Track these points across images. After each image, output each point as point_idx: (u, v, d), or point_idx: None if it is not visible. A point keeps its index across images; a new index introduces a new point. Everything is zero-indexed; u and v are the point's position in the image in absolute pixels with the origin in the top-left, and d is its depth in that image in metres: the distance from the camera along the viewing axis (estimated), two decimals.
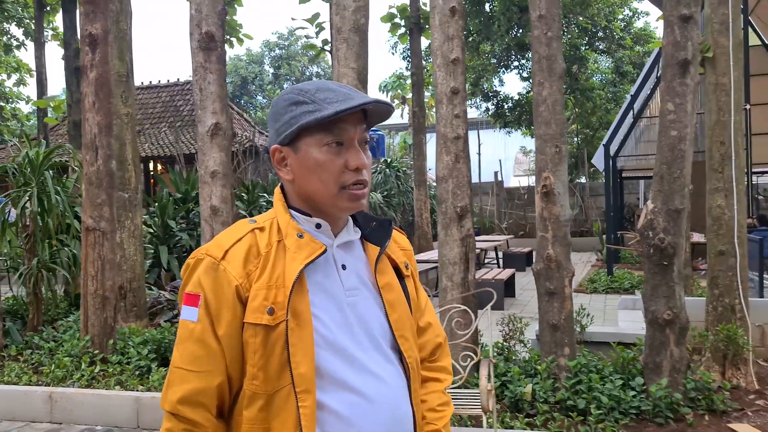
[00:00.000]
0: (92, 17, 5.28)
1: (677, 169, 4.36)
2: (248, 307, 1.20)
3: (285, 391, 1.18)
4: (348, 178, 1.26)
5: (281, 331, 1.18)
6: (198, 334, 1.20)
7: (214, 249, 1.24)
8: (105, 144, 5.33)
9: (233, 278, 1.20)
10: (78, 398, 4.50)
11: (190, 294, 1.23)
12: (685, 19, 4.32)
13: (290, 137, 1.27)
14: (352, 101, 1.23)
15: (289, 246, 1.25)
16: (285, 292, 1.20)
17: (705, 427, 4.22)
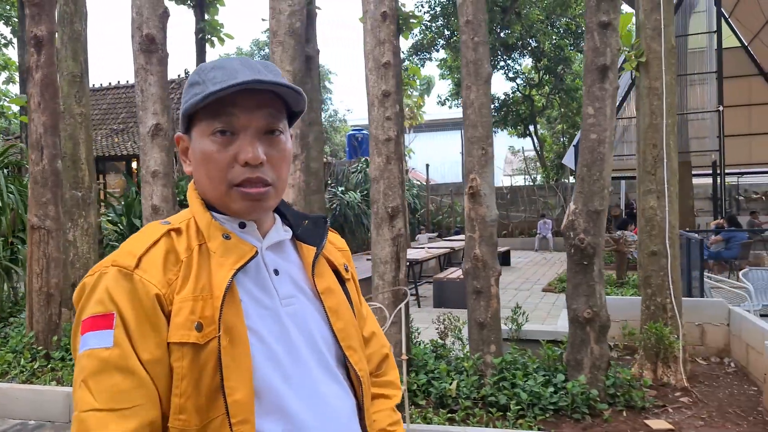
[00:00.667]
0: (38, 19, 5.39)
1: (596, 171, 4.48)
2: (172, 324, 0.99)
3: (217, 423, 0.98)
4: (237, 174, 1.07)
5: (211, 351, 0.98)
6: (117, 360, 0.95)
7: (122, 257, 1.02)
8: (50, 144, 5.43)
9: (152, 287, 0.99)
10: (13, 393, 4.62)
11: (95, 316, 0.97)
12: (604, 25, 4.43)
13: (184, 125, 1.12)
14: (231, 80, 1.03)
15: (213, 250, 1.06)
16: (214, 303, 1.01)
17: (621, 422, 4.34)
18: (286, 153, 1.12)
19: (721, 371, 5.71)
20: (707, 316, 6.19)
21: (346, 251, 1.34)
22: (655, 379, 5.27)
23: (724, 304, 6.18)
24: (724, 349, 6.13)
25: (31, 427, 4.44)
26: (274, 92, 1.08)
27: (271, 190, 1.09)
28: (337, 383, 1.13)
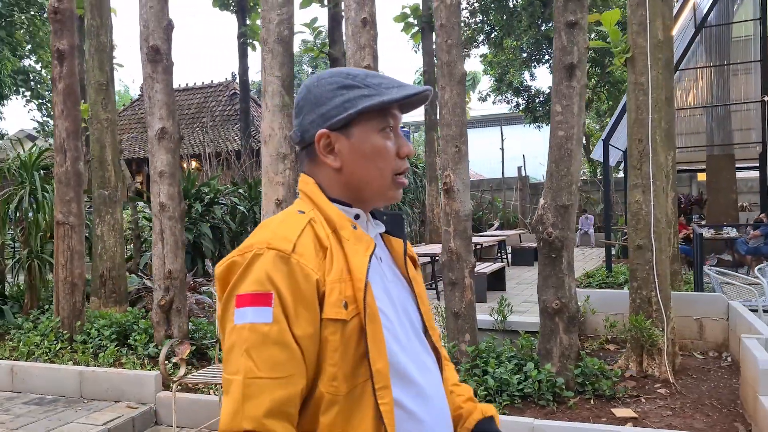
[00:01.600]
0: (60, 34, 5.90)
1: (564, 167, 4.63)
2: (326, 302, 1.13)
3: (359, 389, 1.13)
4: (400, 165, 1.25)
5: (354, 327, 1.14)
6: (276, 336, 1.08)
7: (278, 241, 1.13)
8: (72, 147, 5.94)
9: (311, 271, 1.13)
10: (34, 371, 5.13)
11: (255, 294, 1.10)
12: (571, 25, 4.58)
13: (345, 121, 1.22)
14: (411, 88, 1.23)
15: (347, 237, 1.20)
16: (355, 285, 1.15)
17: (587, 410, 4.50)
18: None
19: (714, 365, 5.75)
20: (706, 311, 6.21)
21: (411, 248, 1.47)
22: (640, 371, 5.37)
23: (723, 299, 6.19)
24: (723, 344, 6.15)
25: (48, 401, 4.93)
26: None
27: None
28: (431, 357, 1.30)
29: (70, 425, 4.35)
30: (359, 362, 1.13)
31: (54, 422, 4.42)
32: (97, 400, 4.87)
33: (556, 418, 4.31)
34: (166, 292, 5.54)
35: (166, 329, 5.56)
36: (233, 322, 1.10)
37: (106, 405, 4.75)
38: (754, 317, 5.37)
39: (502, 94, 24.91)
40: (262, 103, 5.27)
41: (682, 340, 6.27)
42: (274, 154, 5.21)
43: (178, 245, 5.60)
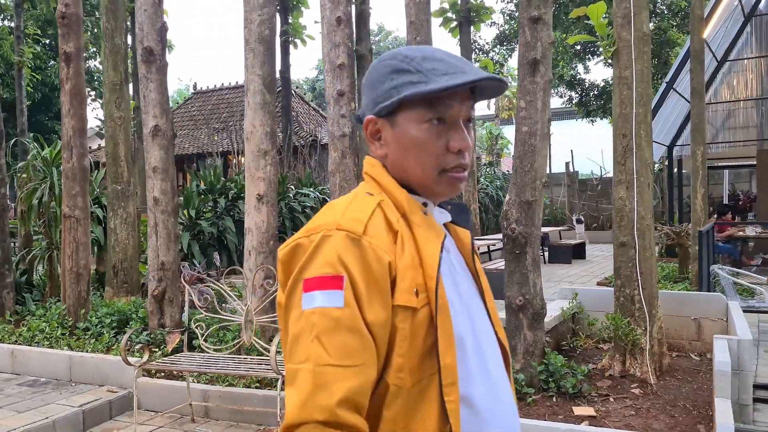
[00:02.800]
0: (67, 38, 6.23)
1: (528, 162, 4.61)
2: (398, 288, 1.06)
3: (424, 384, 1.06)
4: (449, 161, 1.14)
5: (424, 316, 1.07)
6: (348, 321, 1.01)
7: (348, 223, 1.07)
8: (78, 144, 6.27)
9: (384, 254, 1.06)
10: (31, 355, 5.47)
11: (325, 276, 1.03)
12: (535, 20, 4.55)
13: (389, 109, 1.15)
14: (464, 76, 1.11)
15: (417, 223, 1.14)
16: (426, 273, 1.08)
17: (547, 407, 4.48)
18: (474, 140, 1.23)
19: (706, 367, 5.59)
20: (705, 311, 6.03)
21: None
22: (623, 370, 5.29)
23: (722, 299, 5.99)
24: None
25: (40, 383, 5.26)
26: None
27: (468, 173, 1.19)
28: (498, 355, 1.22)
29: (50, 406, 4.63)
30: (426, 355, 1.07)
31: (37, 402, 4.72)
32: (83, 384, 5.16)
33: None
34: (159, 282, 5.79)
35: (159, 318, 5.81)
36: (301, 308, 1.04)
37: (90, 388, 5.03)
38: (741, 318, 5.19)
39: (555, 87, 24.52)
40: (245, 101, 5.44)
41: (679, 341, 6.11)
42: (255, 150, 5.37)
43: (171, 238, 5.83)
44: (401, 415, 1.05)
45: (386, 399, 1.05)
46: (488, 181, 19.70)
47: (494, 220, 19.37)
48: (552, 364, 4.68)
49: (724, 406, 3.77)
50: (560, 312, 5.87)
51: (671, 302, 6.16)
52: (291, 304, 1.06)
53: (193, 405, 4.59)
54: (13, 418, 4.39)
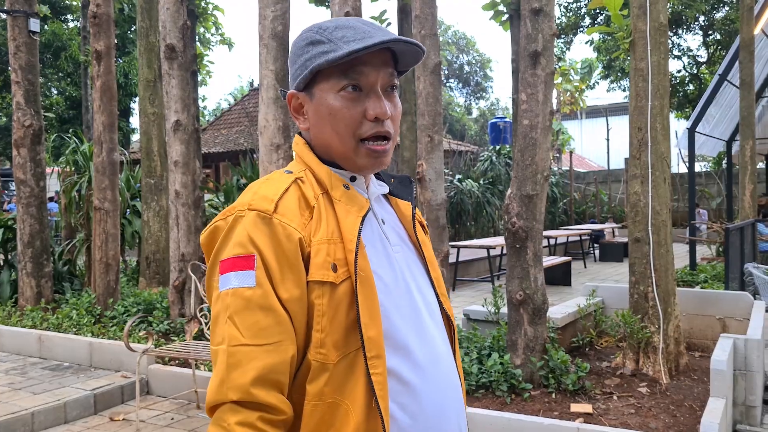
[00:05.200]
0: (98, 37, 6.50)
1: (529, 156, 4.55)
2: (312, 264, 1.07)
3: (351, 358, 1.06)
4: (366, 129, 1.13)
5: (345, 291, 1.07)
6: (260, 300, 1.02)
7: (259, 202, 1.08)
8: (108, 139, 6.54)
9: (294, 231, 1.06)
10: (56, 340, 5.75)
11: (237, 257, 1.05)
12: (536, 12, 4.48)
13: (305, 81, 1.15)
14: (370, 39, 1.09)
15: (338, 198, 1.14)
16: (346, 247, 1.09)
17: (545, 403, 4.42)
18: (400, 108, 1.20)
19: None
20: (731, 310, 5.81)
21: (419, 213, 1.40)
22: (636, 369, 5.16)
23: (748, 298, 5.75)
24: None
25: (63, 367, 5.53)
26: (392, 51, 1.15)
27: (391, 144, 1.17)
28: (439, 327, 1.21)
29: (65, 389, 4.87)
30: (351, 329, 1.06)
31: (54, 385, 4.97)
32: (102, 369, 5.39)
33: (506, 409, 4.27)
34: (180, 273, 5.99)
35: (180, 308, 6.01)
36: (218, 290, 1.06)
37: (106, 374, 5.26)
38: (759, 318, 4.98)
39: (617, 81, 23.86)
40: (259, 96, 5.56)
41: (703, 341, 5.90)
42: (269, 144, 5.48)
43: (191, 230, 6.02)
44: (328, 390, 1.05)
45: (309, 374, 1.05)
46: None
47: (549, 217, 19.04)
48: (553, 360, 4.61)
49: (714, 405, 3.65)
50: (576, 309, 5.75)
51: (695, 301, 5.95)
52: (211, 287, 1.10)
53: (198, 392, 4.74)
54: (29, 398, 4.64)
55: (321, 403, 1.05)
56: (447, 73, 34.89)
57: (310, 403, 1.05)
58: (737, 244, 6.80)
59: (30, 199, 6.95)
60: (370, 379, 1.05)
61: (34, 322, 6.31)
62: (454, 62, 35.36)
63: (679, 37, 22.41)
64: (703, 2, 18.58)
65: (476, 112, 36.30)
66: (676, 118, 25.16)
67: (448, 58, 34.96)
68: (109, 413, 4.71)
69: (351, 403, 1.06)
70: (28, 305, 6.85)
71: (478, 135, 34.01)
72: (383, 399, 1.05)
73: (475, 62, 34.54)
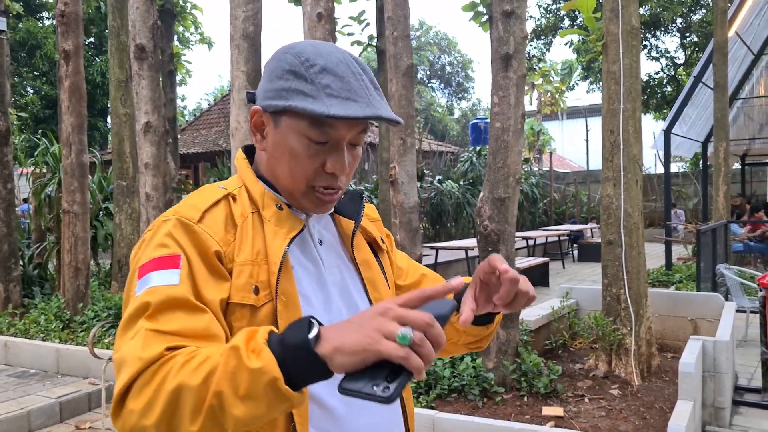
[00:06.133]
0: (66, 36, 6.39)
1: (501, 159, 4.53)
2: (234, 285, 1.03)
3: None
4: (320, 181, 1.11)
5: (266, 313, 1.04)
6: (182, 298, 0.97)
7: (186, 210, 1.06)
8: (77, 141, 6.43)
9: (214, 243, 1.03)
10: (23, 347, 5.64)
11: (159, 258, 1.00)
12: (507, 14, 4.46)
13: (275, 109, 1.10)
14: (354, 104, 1.05)
15: (268, 218, 1.10)
16: (269, 269, 1.05)
17: (516, 406, 4.40)
18: (359, 156, 1.16)
19: None
20: (701, 311, 5.84)
21: (378, 221, 1.36)
22: (608, 371, 5.18)
23: (719, 299, 5.79)
24: None
25: (29, 374, 5.43)
26: None
27: (340, 194, 1.16)
28: None
29: (30, 397, 4.77)
30: None
31: (18, 393, 4.87)
32: (69, 376, 5.30)
33: (478, 413, 4.24)
34: None
35: None
36: (135, 295, 0.98)
37: (74, 380, 5.16)
38: (728, 319, 5.00)
39: (596, 82, 24.01)
40: (231, 97, 5.49)
41: (675, 342, 5.93)
42: (239, 146, 5.41)
43: None
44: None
45: None
46: (523, 178, 19.40)
47: (530, 218, 19.10)
48: (525, 363, 4.60)
49: (682, 407, 3.65)
50: (550, 311, 5.75)
51: (667, 302, 5.98)
52: (128, 297, 1.01)
53: None
54: None
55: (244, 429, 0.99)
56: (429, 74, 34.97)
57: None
58: (709, 245, 6.84)
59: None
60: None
61: (1, 328, 6.19)
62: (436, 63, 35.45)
63: (657, 39, 22.62)
64: (679, 4, 18.74)
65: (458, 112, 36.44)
66: (654, 120, 25.40)
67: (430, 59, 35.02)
68: (75, 421, 4.63)
69: (271, 429, 1.02)
70: None
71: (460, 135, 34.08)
72: (302, 425, 1.02)
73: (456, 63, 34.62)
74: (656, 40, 22.66)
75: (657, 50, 22.77)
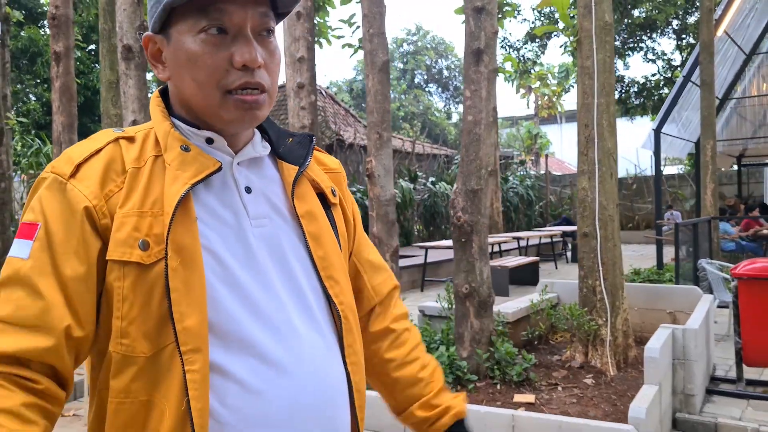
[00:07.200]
0: (57, 38, 6.53)
1: (473, 151, 4.64)
2: (112, 239, 0.91)
3: (168, 351, 0.91)
4: (233, 79, 0.96)
5: (159, 272, 0.91)
6: (25, 276, 0.89)
7: (61, 164, 0.95)
8: (68, 140, 6.55)
9: (83, 199, 0.92)
10: None
11: (24, 224, 0.93)
12: (478, 10, 4.58)
13: (161, 20, 0.98)
14: None
15: (169, 161, 0.97)
16: (165, 220, 0.92)
17: (489, 394, 4.50)
18: (279, 56, 1.04)
19: None
20: (680, 304, 5.92)
21: (338, 173, 1.23)
22: (585, 361, 5.26)
23: (698, 292, 5.87)
24: None
25: None
26: None
27: (266, 97, 1.00)
28: (311, 316, 1.03)
29: None
30: (166, 318, 0.91)
31: None
32: None
33: None
34: None
35: None
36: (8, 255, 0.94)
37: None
38: (702, 310, 5.09)
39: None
40: None
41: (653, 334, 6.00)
42: None
43: None
44: (138, 386, 0.91)
45: (112, 368, 0.92)
46: (518, 181, 19.52)
47: (525, 220, 19.19)
48: (499, 352, 4.69)
49: (645, 391, 3.73)
50: (529, 304, 5.84)
51: (647, 295, 6.06)
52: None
53: None
54: None
55: (129, 401, 0.91)
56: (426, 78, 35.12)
57: (114, 400, 0.91)
58: (689, 240, 6.92)
59: None
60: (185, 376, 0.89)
61: None
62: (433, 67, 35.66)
63: (653, 41, 22.71)
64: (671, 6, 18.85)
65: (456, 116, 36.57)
66: (651, 121, 25.48)
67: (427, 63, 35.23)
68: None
69: (166, 403, 0.90)
70: None
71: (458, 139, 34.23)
72: (198, 400, 0.89)
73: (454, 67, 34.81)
74: (653, 42, 22.75)
75: (653, 52, 22.86)
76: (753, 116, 14.93)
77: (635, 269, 11.46)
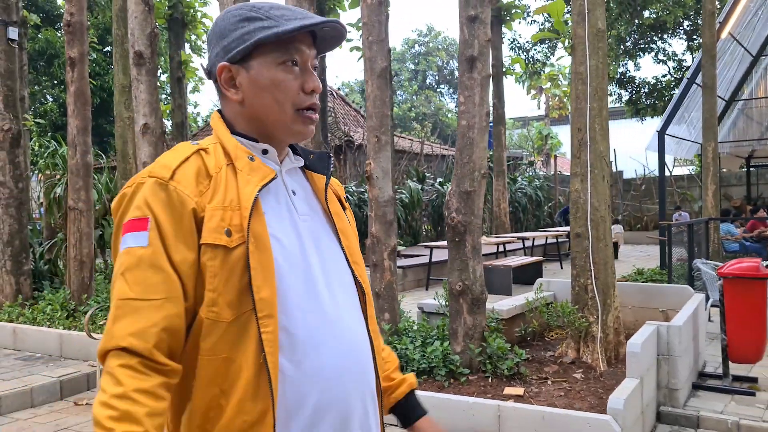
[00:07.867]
0: (72, 44, 6.80)
1: (467, 154, 4.83)
2: (205, 228, 1.15)
3: (245, 317, 1.14)
4: (303, 100, 1.25)
5: (240, 255, 1.14)
6: (150, 259, 1.11)
7: (159, 170, 1.18)
8: (81, 142, 6.83)
9: (187, 197, 1.15)
10: (30, 332, 6.04)
11: (134, 219, 1.14)
12: (472, 19, 4.77)
13: (243, 53, 1.23)
14: (312, 18, 1.23)
15: (240, 168, 1.21)
16: (241, 214, 1.16)
17: (480, 386, 4.69)
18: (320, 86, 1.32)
19: None
20: (673, 303, 6.08)
21: (341, 186, 1.51)
22: (577, 357, 5.43)
23: (690, 291, 6.03)
24: None
25: (35, 358, 5.82)
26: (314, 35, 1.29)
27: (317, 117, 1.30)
28: (347, 292, 1.31)
29: (33, 376, 5.15)
30: (245, 291, 1.14)
31: (23, 373, 5.26)
32: (71, 359, 5.68)
33: (443, 392, 4.54)
34: None
35: None
36: (120, 250, 1.14)
37: (74, 363, 5.53)
38: (689, 308, 5.25)
39: None
40: None
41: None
42: None
43: None
44: (221, 346, 1.13)
45: (202, 331, 1.14)
46: (527, 181, 19.65)
47: (534, 220, 19.31)
48: (491, 347, 4.88)
49: (627, 384, 3.91)
50: (524, 302, 6.03)
51: (641, 294, 6.23)
52: (115, 249, 1.18)
53: None
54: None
55: (214, 358, 1.13)
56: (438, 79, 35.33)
57: (203, 357, 1.14)
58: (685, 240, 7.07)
59: (9, 200, 7.24)
60: (261, 337, 1.13)
61: (11, 317, 6.59)
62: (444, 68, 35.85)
63: (664, 41, 22.74)
64: (680, 7, 18.90)
65: None
66: None
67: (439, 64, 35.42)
68: (74, 399, 4.99)
69: (243, 359, 1.13)
70: (6, 301, 7.12)
71: None
72: (272, 355, 1.13)
73: None
74: (663, 43, 22.79)
75: (664, 53, 22.90)
76: (760, 117, 14.99)
77: (639, 269, 11.58)
